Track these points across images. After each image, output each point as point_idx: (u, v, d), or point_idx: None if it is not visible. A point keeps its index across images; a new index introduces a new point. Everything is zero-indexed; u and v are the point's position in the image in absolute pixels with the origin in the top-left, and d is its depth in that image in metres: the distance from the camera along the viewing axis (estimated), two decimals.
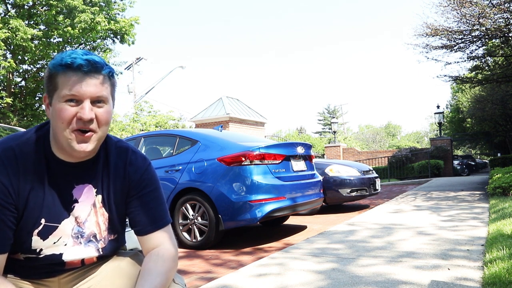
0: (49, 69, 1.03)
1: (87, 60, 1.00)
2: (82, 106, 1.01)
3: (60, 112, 1.00)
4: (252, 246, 4.23)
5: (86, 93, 1.00)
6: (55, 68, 1.01)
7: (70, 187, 1.10)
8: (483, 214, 5.09)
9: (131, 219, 1.19)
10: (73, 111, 1.00)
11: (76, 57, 1.00)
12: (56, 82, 1.01)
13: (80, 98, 1.00)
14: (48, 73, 1.03)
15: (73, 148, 1.03)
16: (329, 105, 63.52)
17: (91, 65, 1.01)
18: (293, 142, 4.73)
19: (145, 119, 24.95)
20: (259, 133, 18.43)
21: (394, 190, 11.27)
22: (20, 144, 1.06)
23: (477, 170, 28.57)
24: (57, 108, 1.01)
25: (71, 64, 1.00)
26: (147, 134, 5.40)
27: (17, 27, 14.43)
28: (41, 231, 1.07)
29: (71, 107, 1.00)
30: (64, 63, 1.00)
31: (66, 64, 1.00)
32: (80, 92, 1.00)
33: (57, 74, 1.01)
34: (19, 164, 1.03)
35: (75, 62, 0.99)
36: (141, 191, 1.18)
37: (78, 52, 1.02)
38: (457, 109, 29.84)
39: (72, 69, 1.00)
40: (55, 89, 1.02)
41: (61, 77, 1.01)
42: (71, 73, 1.00)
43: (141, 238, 1.18)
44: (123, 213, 1.20)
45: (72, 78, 1.00)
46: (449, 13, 10.11)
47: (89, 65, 1.01)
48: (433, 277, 2.48)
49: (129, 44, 18.36)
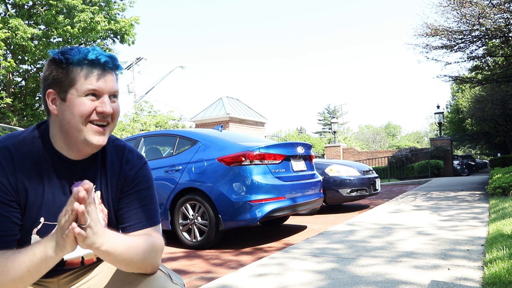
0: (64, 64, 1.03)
1: (110, 57, 1.04)
2: (102, 100, 1.04)
3: (80, 106, 1.02)
4: (252, 246, 4.23)
5: (106, 88, 1.04)
6: (78, 63, 1.02)
7: (69, 184, 1.10)
8: (483, 214, 5.09)
9: (121, 216, 1.17)
10: (93, 105, 1.03)
11: (101, 54, 1.03)
12: (74, 77, 1.02)
13: (100, 93, 1.04)
14: (63, 68, 1.03)
15: (90, 142, 1.04)
16: (329, 105, 63.61)
17: (113, 62, 1.05)
18: (293, 142, 4.73)
19: (145, 119, 24.96)
20: (259, 133, 18.43)
21: (394, 190, 11.27)
22: (16, 144, 1.05)
23: (477, 170, 28.58)
24: (76, 102, 1.02)
25: (96, 60, 1.02)
26: (147, 134, 5.40)
27: (16, 26, 14.43)
28: (40, 230, 1.07)
29: (91, 101, 1.03)
30: (89, 58, 1.02)
31: (92, 60, 1.02)
32: (101, 87, 1.03)
33: (75, 69, 1.02)
34: (15, 163, 1.03)
35: (101, 59, 1.02)
36: (135, 187, 1.18)
37: (97, 49, 1.04)
38: (457, 109, 29.83)
39: (95, 65, 1.03)
40: (72, 84, 1.02)
41: (81, 72, 1.02)
42: (93, 68, 1.03)
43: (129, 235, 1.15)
44: (117, 209, 1.20)
45: (94, 73, 1.03)
46: (449, 13, 10.12)
47: (112, 62, 1.05)
48: (433, 277, 2.48)
49: (129, 44, 18.37)
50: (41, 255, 0.92)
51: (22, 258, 0.93)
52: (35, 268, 0.94)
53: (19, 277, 0.93)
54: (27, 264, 0.93)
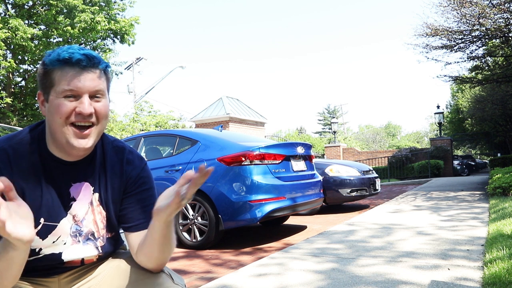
0: (44, 64, 1.01)
1: (85, 55, 1.00)
2: (81, 100, 1.00)
3: (58, 107, 0.99)
4: (252, 246, 4.23)
5: (84, 88, 1.00)
6: (52, 64, 0.99)
7: (67, 186, 1.10)
8: (483, 214, 5.09)
9: (124, 216, 1.18)
10: (71, 106, 0.99)
11: (74, 52, 0.99)
12: (52, 78, 1.00)
13: (78, 93, 1.00)
14: (44, 69, 1.01)
15: (72, 145, 1.01)
16: (329, 105, 63.61)
17: (88, 59, 1.00)
18: (293, 142, 4.73)
19: (145, 119, 24.96)
20: (259, 133, 18.43)
21: (394, 190, 11.27)
22: (13, 145, 1.05)
23: (477, 170, 28.56)
24: (55, 104, 0.99)
25: (69, 59, 0.98)
26: (147, 134, 5.40)
27: (16, 26, 14.43)
28: (40, 230, 1.06)
29: (69, 102, 0.99)
30: (62, 58, 0.98)
31: (64, 59, 0.99)
32: (78, 86, 0.99)
33: (53, 70, 1.00)
34: (12, 165, 1.02)
35: (73, 57, 0.98)
36: (138, 188, 1.18)
37: (74, 47, 1.01)
38: (457, 109, 29.82)
39: (69, 64, 0.99)
40: (51, 85, 1.00)
41: (58, 72, 0.99)
42: (68, 68, 0.99)
43: (130, 235, 1.16)
44: (119, 209, 1.20)
45: (69, 73, 0.99)
46: (449, 13, 10.12)
47: (87, 59, 1.00)
48: (433, 277, 2.48)
49: (129, 44, 18.36)
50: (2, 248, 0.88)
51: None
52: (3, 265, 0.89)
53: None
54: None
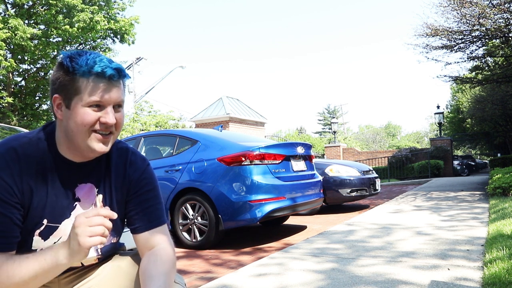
0: (68, 72, 1.01)
1: (116, 70, 1.03)
2: (106, 111, 1.03)
3: (83, 116, 1.01)
4: (252, 246, 4.23)
5: (111, 100, 1.03)
6: (83, 74, 1.00)
7: (73, 186, 1.11)
8: (483, 214, 5.09)
9: (129, 218, 1.20)
10: (96, 116, 1.02)
11: (107, 66, 1.01)
12: (78, 87, 1.01)
13: (105, 104, 1.03)
14: (68, 76, 1.02)
15: (93, 149, 1.05)
16: (329, 105, 63.60)
17: (119, 74, 1.04)
18: (293, 142, 4.73)
19: (145, 119, 24.96)
20: (259, 133, 18.43)
21: (394, 190, 11.27)
22: (22, 145, 1.06)
23: (477, 171, 28.57)
24: (80, 112, 1.01)
25: (102, 73, 1.01)
26: (147, 134, 5.40)
27: (16, 26, 14.42)
28: (42, 231, 1.07)
29: (94, 112, 1.02)
30: (94, 71, 1.00)
31: (97, 72, 1.00)
32: (106, 99, 1.02)
33: (80, 79, 1.01)
34: (21, 164, 1.03)
35: (106, 72, 1.01)
36: (140, 190, 1.20)
37: (104, 60, 1.02)
38: (457, 109, 29.82)
39: (100, 77, 1.01)
40: (76, 93, 1.01)
41: (86, 82, 1.01)
42: (98, 80, 1.01)
43: (137, 236, 1.18)
44: (123, 212, 1.21)
45: (99, 86, 1.01)
46: (449, 13, 10.12)
47: (118, 75, 1.03)
48: (433, 277, 2.48)
49: (129, 44, 18.35)
50: (52, 261, 0.94)
51: (31, 263, 0.94)
52: (43, 274, 0.95)
53: (24, 281, 0.94)
54: (36, 269, 0.94)
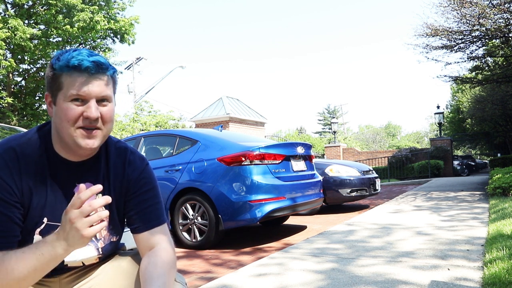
0: (52, 68, 1.03)
1: (94, 62, 1.02)
2: (88, 105, 1.02)
3: (66, 111, 1.01)
4: (252, 246, 4.23)
5: (92, 93, 1.02)
6: (61, 69, 1.01)
7: (72, 186, 1.11)
8: (483, 214, 5.09)
9: (129, 218, 1.20)
10: (79, 110, 1.02)
11: (83, 59, 1.01)
12: (60, 82, 1.02)
13: (86, 98, 1.02)
14: (52, 73, 1.03)
15: (79, 145, 1.04)
16: (329, 105, 63.61)
17: (97, 67, 1.02)
18: (293, 142, 4.73)
19: (145, 119, 24.93)
20: (259, 133, 18.43)
21: (394, 190, 11.27)
22: (21, 145, 1.06)
23: (477, 171, 28.56)
24: (63, 107, 1.02)
25: (78, 66, 1.01)
26: (147, 134, 5.40)
27: (15, 26, 14.42)
28: (43, 230, 1.07)
29: (77, 106, 1.02)
30: (71, 64, 1.00)
31: (73, 65, 1.00)
32: (86, 92, 1.02)
33: (61, 74, 1.02)
34: (21, 164, 1.04)
35: (82, 64, 1.00)
36: (139, 190, 1.20)
37: (83, 53, 1.02)
38: (457, 109, 29.82)
39: (78, 70, 1.01)
40: (59, 89, 1.02)
41: (66, 77, 1.01)
42: (77, 74, 1.01)
43: (137, 236, 1.18)
44: (122, 212, 1.21)
45: (78, 79, 1.01)
46: (449, 13, 10.12)
47: (96, 67, 1.02)
48: (432, 277, 2.48)
49: (129, 44, 18.34)
50: (50, 254, 0.94)
51: (29, 257, 0.95)
52: (42, 267, 0.95)
53: (24, 276, 0.94)
54: (35, 264, 0.94)
